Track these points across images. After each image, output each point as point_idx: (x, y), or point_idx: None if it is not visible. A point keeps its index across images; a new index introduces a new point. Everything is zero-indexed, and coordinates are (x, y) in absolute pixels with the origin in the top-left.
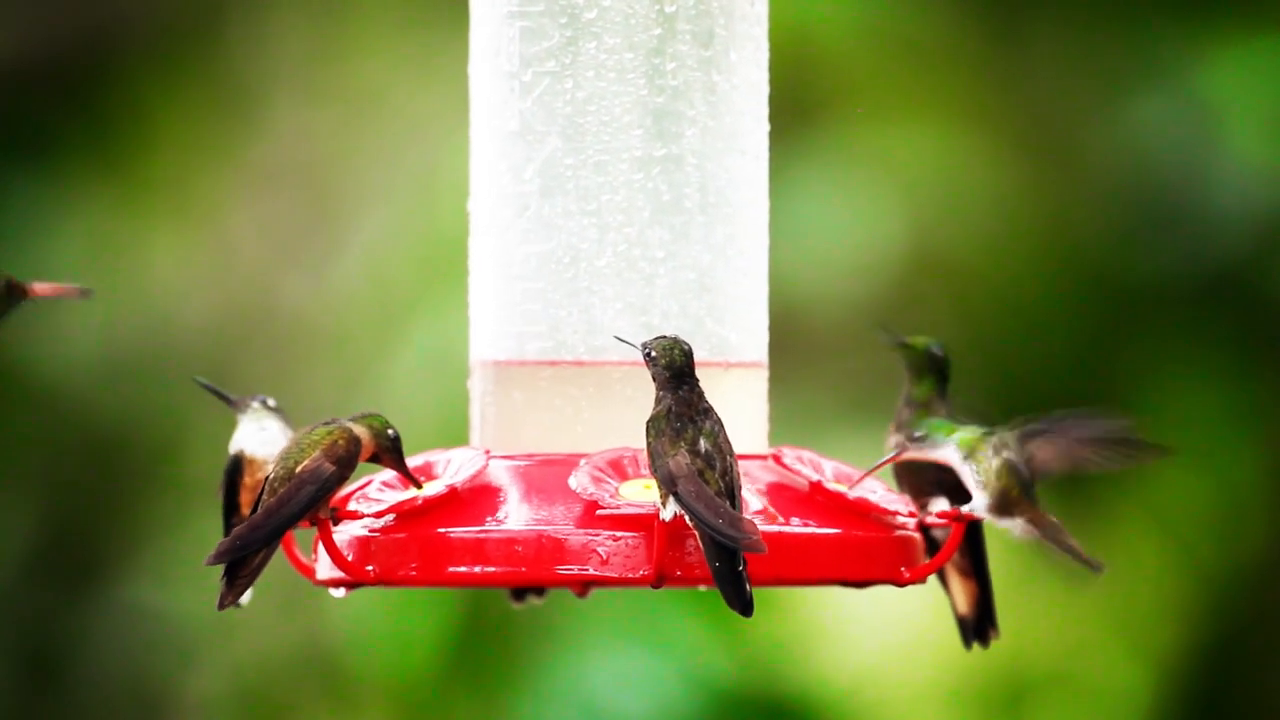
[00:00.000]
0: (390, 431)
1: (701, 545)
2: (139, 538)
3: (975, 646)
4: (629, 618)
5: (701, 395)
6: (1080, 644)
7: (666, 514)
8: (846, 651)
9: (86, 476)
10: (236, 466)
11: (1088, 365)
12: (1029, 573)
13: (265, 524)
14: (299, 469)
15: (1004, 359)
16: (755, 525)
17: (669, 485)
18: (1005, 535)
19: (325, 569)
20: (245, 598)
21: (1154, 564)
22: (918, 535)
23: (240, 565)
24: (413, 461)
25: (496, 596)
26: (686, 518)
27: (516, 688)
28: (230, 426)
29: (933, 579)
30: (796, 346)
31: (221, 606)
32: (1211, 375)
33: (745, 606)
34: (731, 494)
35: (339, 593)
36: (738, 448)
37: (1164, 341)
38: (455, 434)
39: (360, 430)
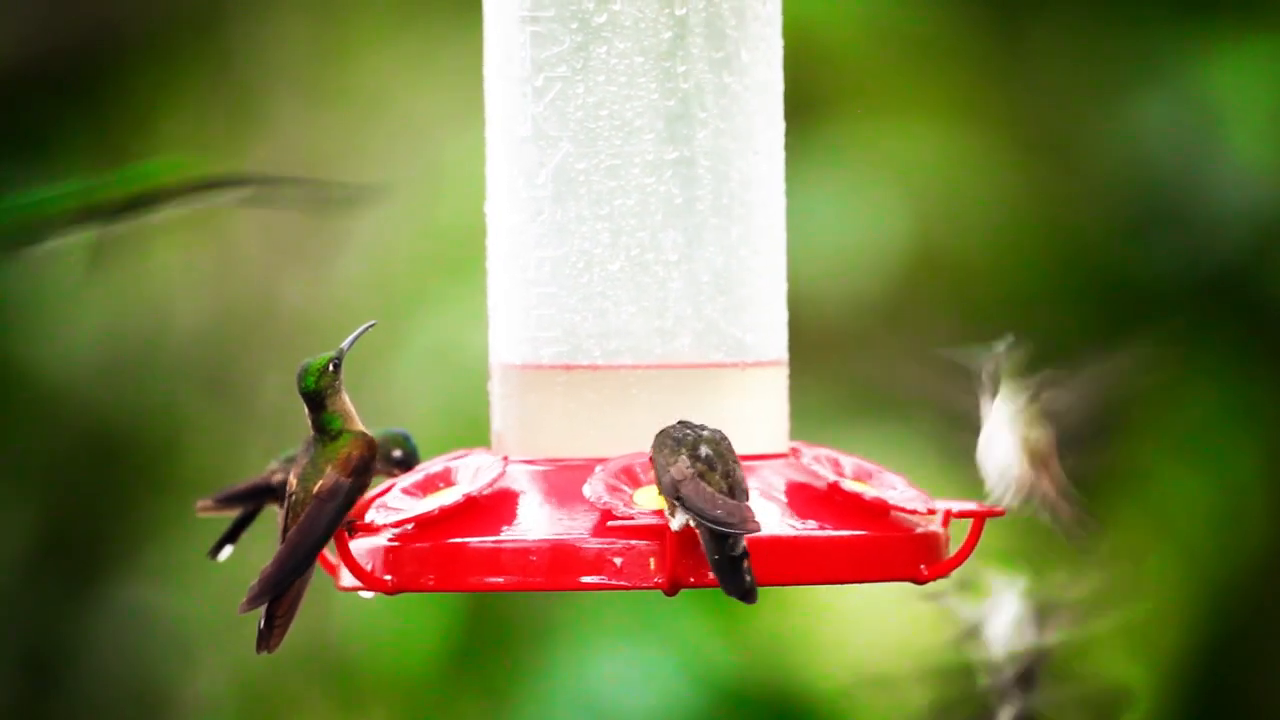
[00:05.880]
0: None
1: (702, 542)
2: (139, 538)
3: None
4: (632, 617)
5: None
6: (1080, 644)
7: (675, 524)
8: (848, 649)
9: (86, 476)
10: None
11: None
12: (1029, 572)
13: (292, 556)
14: (316, 489)
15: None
16: (752, 511)
17: (672, 492)
18: (1001, 530)
19: (346, 577)
20: (225, 553)
21: (1154, 564)
22: (940, 531)
23: (277, 603)
24: (431, 466)
25: (498, 595)
26: (690, 520)
27: (519, 687)
28: (231, 427)
29: None
30: (804, 343)
31: (260, 650)
32: (1211, 375)
33: (745, 593)
34: (733, 494)
35: (367, 594)
36: (758, 448)
37: (1163, 340)
38: (457, 433)
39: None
